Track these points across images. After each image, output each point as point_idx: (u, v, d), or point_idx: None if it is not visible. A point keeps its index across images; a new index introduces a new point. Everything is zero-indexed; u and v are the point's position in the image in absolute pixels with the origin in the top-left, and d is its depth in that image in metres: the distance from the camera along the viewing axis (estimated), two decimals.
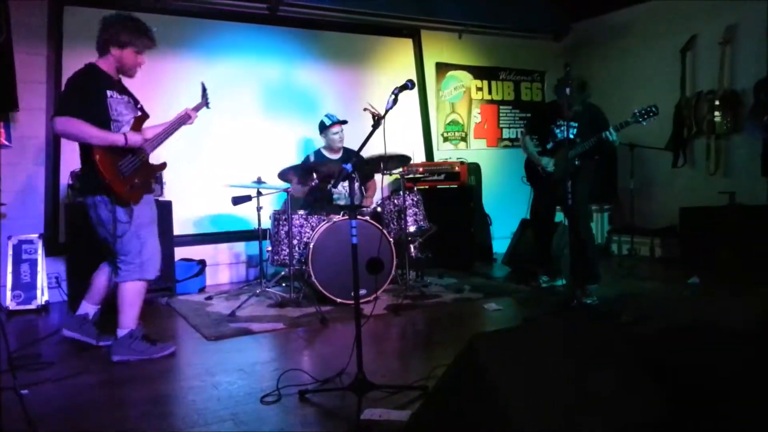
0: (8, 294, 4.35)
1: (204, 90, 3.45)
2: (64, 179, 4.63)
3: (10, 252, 4.43)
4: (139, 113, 3.16)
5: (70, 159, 4.41)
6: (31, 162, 4.67)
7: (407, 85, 2.61)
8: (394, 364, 3.06)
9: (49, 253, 4.59)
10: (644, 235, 5.96)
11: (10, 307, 4.33)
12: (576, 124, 4.13)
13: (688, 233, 5.40)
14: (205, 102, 3.44)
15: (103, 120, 2.97)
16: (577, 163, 4.09)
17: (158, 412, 2.46)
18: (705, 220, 5.23)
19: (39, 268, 4.47)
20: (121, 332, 3.10)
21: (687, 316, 3.60)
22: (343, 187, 4.75)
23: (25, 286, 4.42)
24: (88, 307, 3.25)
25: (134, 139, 3.01)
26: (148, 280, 3.15)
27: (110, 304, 3.26)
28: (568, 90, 3.69)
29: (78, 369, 2.95)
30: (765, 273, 4.48)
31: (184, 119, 3.30)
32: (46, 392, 2.67)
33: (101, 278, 3.23)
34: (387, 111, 2.53)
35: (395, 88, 2.57)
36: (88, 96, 2.94)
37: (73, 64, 3.18)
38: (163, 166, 3.28)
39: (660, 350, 2.00)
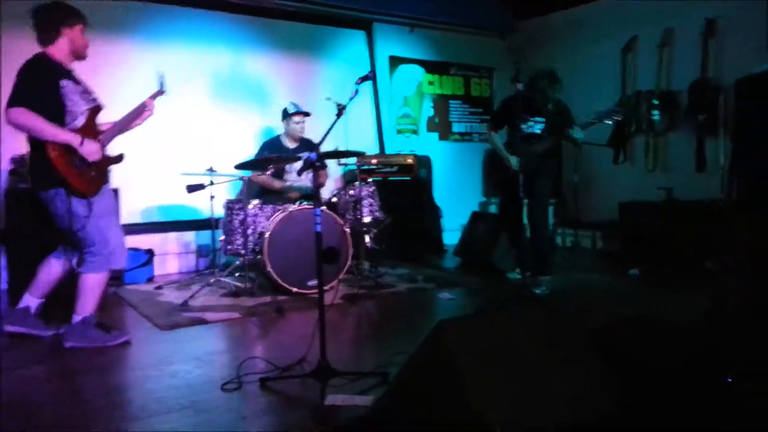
0: None
1: (161, 79, 3.29)
2: (5, 165, 4.40)
3: None
4: (93, 104, 3.05)
5: (12, 145, 4.19)
6: None
7: (368, 76, 2.65)
8: (352, 352, 3.11)
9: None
10: (586, 228, 6.22)
11: None
12: (543, 119, 4.22)
13: (628, 227, 5.67)
14: (160, 90, 3.29)
15: (57, 112, 2.86)
16: (541, 159, 4.17)
17: (115, 401, 2.41)
18: (643, 214, 5.50)
19: None
20: (76, 318, 3.01)
21: (630, 308, 3.79)
22: (305, 176, 4.72)
23: None
24: (31, 300, 3.14)
25: (90, 148, 2.89)
26: (113, 270, 3.08)
27: (54, 295, 3.17)
28: (519, 86, 3.79)
29: (25, 360, 2.85)
30: (699, 264, 4.77)
31: (141, 110, 3.18)
32: None
33: (51, 271, 3.12)
34: (350, 100, 2.56)
35: (358, 79, 2.59)
36: (41, 86, 2.83)
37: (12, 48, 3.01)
38: (120, 158, 3.19)
39: (612, 341, 2.13)
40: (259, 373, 2.60)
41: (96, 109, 3.05)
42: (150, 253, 5.00)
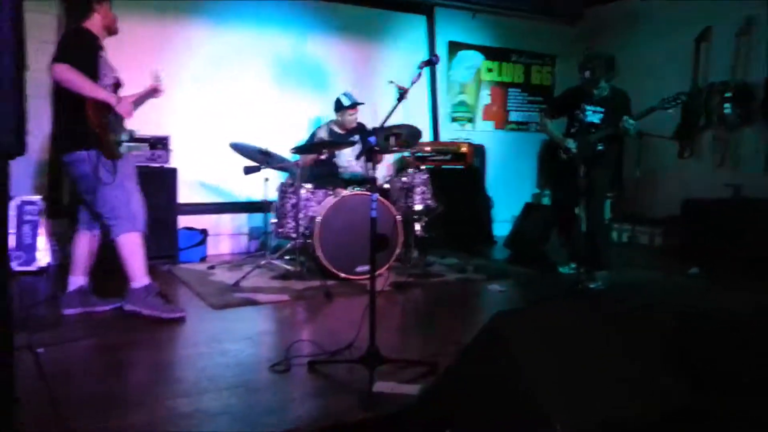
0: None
1: (157, 76, 3.35)
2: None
3: (13, 213, 4.38)
4: (116, 80, 3.17)
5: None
6: (33, 122, 4.57)
7: (432, 60, 2.58)
8: (399, 340, 3.08)
9: (51, 215, 4.54)
10: (645, 224, 5.98)
11: (12, 269, 4.29)
12: (602, 109, 4.07)
13: (690, 224, 5.41)
14: (157, 87, 3.36)
15: (93, 79, 2.97)
16: (600, 147, 4.05)
17: (169, 377, 2.47)
18: (708, 211, 5.24)
19: (40, 229, 4.43)
20: (136, 284, 3.12)
21: (691, 304, 3.60)
22: (348, 162, 4.72)
23: (26, 248, 4.38)
24: (78, 280, 3.23)
25: (125, 106, 3.04)
26: (141, 231, 3.15)
27: (105, 269, 3.25)
28: (587, 72, 3.64)
29: (82, 332, 2.95)
30: (764, 265, 4.51)
31: (150, 92, 3.34)
32: (52, 354, 2.65)
33: (81, 246, 3.21)
34: (413, 83, 2.50)
35: (421, 62, 2.54)
36: (83, 52, 2.96)
37: None
38: (132, 132, 3.27)
39: (679, 336, 2.01)
40: (308, 356, 2.61)
41: (118, 85, 3.17)
42: (204, 233, 5.11)
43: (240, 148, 4.18)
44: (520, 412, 1.61)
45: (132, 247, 3.11)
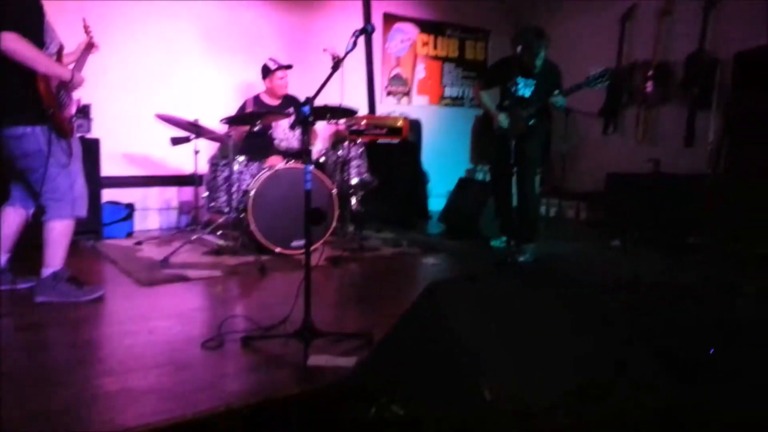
0: None
1: (86, 28, 3.16)
2: None
3: None
4: (60, 45, 2.94)
5: None
6: None
7: (367, 29, 2.52)
8: (335, 314, 3.07)
9: None
10: (571, 198, 6.21)
11: None
12: (534, 82, 4.12)
13: (613, 198, 5.66)
14: (91, 43, 3.15)
15: (39, 44, 2.72)
16: (531, 122, 4.11)
17: (92, 356, 2.35)
18: (630, 185, 5.50)
19: None
20: (46, 271, 2.92)
21: (613, 276, 3.79)
22: (292, 133, 4.61)
23: None
24: None
25: (79, 79, 2.85)
26: (78, 218, 2.98)
27: (26, 245, 3.07)
28: (524, 40, 3.69)
29: None
30: (682, 238, 4.80)
31: (90, 47, 3.12)
32: None
33: (9, 222, 3.00)
34: (347, 53, 2.45)
35: (356, 31, 2.48)
36: (30, 17, 2.69)
37: None
38: (79, 101, 3.10)
39: (597, 305, 2.11)
40: (241, 332, 2.55)
41: (62, 50, 2.94)
42: (130, 207, 4.89)
43: (167, 119, 4.00)
44: (452, 378, 1.65)
45: (60, 234, 2.92)
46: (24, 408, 1.87)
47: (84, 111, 4.29)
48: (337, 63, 2.47)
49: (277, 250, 4.04)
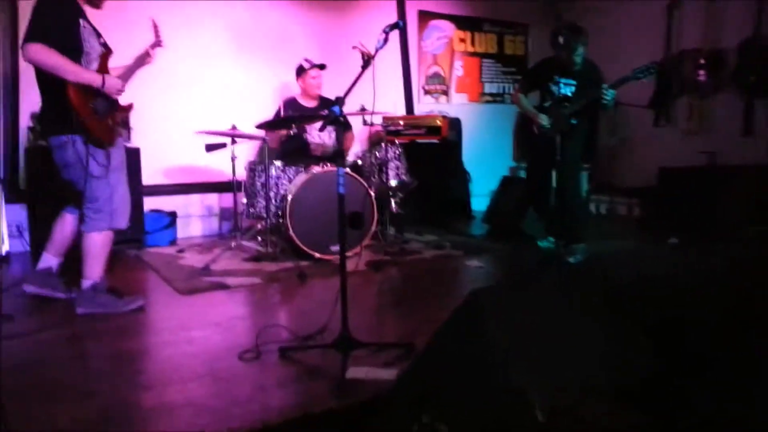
0: None
1: (155, 27, 3.09)
2: (24, 121, 4.33)
3: None
4: (105, 49, 2.91)
5: (32, 99, 4.11)
6: None
7: (398, 24, 2.43)
8: (376, 321, 2.98)
9: (9, 199, 4.33)
10: (623, 194, 5.95)
11: None
12: (574, 82, 4.00)
13: (667, 193, 5.38)
14: (157, 40, 3.08)
15: (75, 52, 2.72)
16: (573, 121, 3.97)
17: (130, 368, 2.33)
18: (684, 179, 5.21)
19: None
20: (86, 284, 2.92)
21: (670, 276, 3.57)
22: (319, 137, 4.56)
23: None
24: (51, 260, 3.05)
25: (113, 83, 2.77)
26: (117, 229, 2.97)
27: (74, 255, 3.08)
28: (562, 39, 3.53)
29: (41, 323, 2.80)
30: (742, 231, 4.50)
31: (144, 58, 3.01)
32: (6, 348, 2.50)
33: (64, 228, 3.02)
34: (377, 50, 2.36)
35: (386, 27, 2.38)
36: (61, 23, 2.67)
37: None
38: (130, 107, 3.06)
39: (654, 310, 1.95)
40: (279, 342, 2.49)
41: (107, 55, 2.90)
42: (173, 215, 4.92)
43: (204, 131, 4.02)
44: (498, 395, 1.53)
45: (99, 246, 2.91)
46: (57, 420, 1.84)
47: (123, 120, 4.32)
48: (367, 60, 2.37)
49: (317, 255, 3.97)
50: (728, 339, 1.74)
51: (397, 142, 4.57)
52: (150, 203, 4.82)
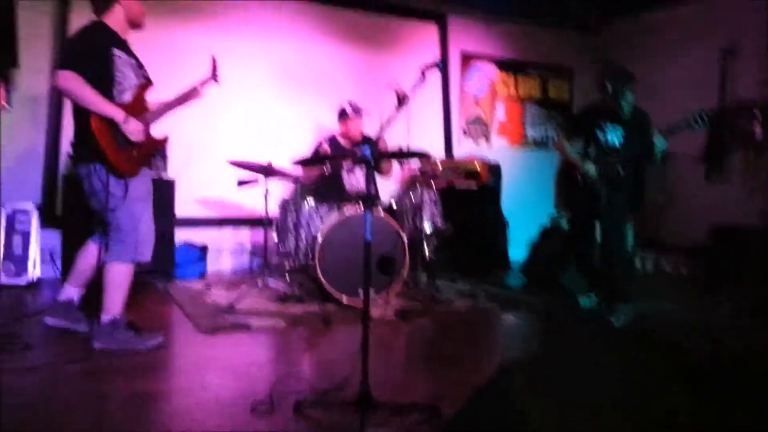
0: None
1: (214, 64, 3.14)
2: (66, 147, 4.39)
3: (3, 222, 4.20)
4: (144, 80, 2.91)
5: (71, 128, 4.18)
6: (31, 127, 4.42)
7: (436, 64, 2.33)
8: (401, 377, 2.79)
9: (44, 225, 4.36)
10: (670, 252, 5.64)
11: (0, 281, 4.10)
12: (622, 129, 3.82)
13: (720, 253, 5.07)
14: (213, 77, 3.12)
15: (107, 80, 2.74)
16: (620, 171, 3.78)
17: (140, 413, 2.20)
18: (739, 239, 4.90)
19: (32, 240, 4.24)
20: (105, 318, 2.85)
21: (723, 345, 3.29)
22: (361, 173, 4.47)
23: (16, 259, 4.19)
24: (72, 291, 3.01)
25: (133, 127, 2.75)
26: (139, 262, 2.90)
27: (96, 285, 3.02)
28: (609, 84, 3.38)
29: (56, 355, 2.72)
30: None
31: (192, 94, 3.03)
32: (17, 380, 2.42)
33: (88, 258, 2.98)
34: (414, 90, 2.25)
35: (423, 65, 2.29)
36: (93, 52, 2.71)
37: (80, 22, 2.94)
38: (164, 140, 3.03)
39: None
40: (296, 393, 2.33)
41: (146, 86, 2.91)
42: (203, 248, 4.88)
43: (238, 164, 3.98)
44: None
45: (120, 278, 2.86)
46: None
47: (160, 150, 4.33)
48: (401, 100, 2.27)
49: (344, 299, 3.83)
50: None
51: (433, 185, 4.44)
52: (182, 235, 4.79)
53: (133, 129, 2.75)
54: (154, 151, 3.06)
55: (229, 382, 2.54)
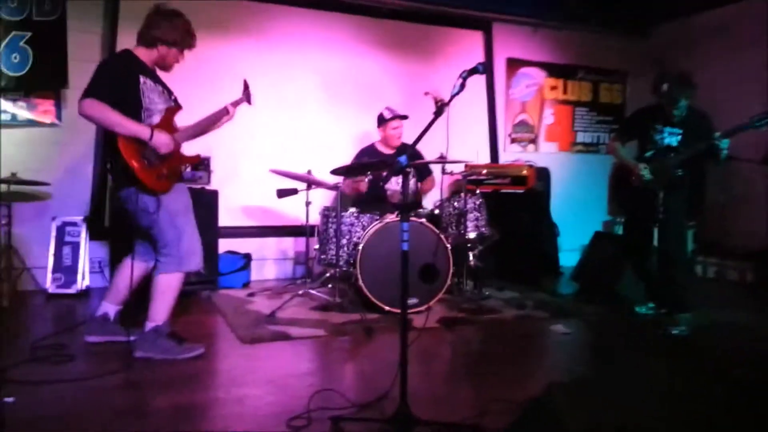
0: (48, 276, 4.23)
1: (246, 87, 3.18)
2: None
3: (54, 233, 4.31)
4: (172, 104, 2.95)
5: None
6: (81, 143, 4.54)
7: (477, 69, 2.23)
8: (443, 390, 2.66)
9: (93, 236, 4.45)
10: (734, 257, 5.29)
11: (50, 290, 4.20)
12: (680, 131, 3.63)
13: None
14: (245, 98, 3.15)
15: (134, 106, 2.76)
16: (679, 173, 3.58)
17: (173, 427, 2.16)
18: None
19: (81, 251, 4.34)
20: (149, 326, 2.86)
21: None
22: (396, 183, 4.38)
23: (66, 270, 4.29)
24: (108, 307, 3.03)
25: (161, 139, 2.75)
26: (189, 272, 2.91)
27: (139, 296, 3.03)
28: (666, 87, 3.19)
29: (97, 366, 2.72)
30: None
31: (222, 114, 3.05)
32: (57, 391, 2.43)
33: (124, 274, 3.00)
34: (453, 96, 2.16)
35: (463, 72, 2.19)
36: (119, 80, 2.75)
37: (128, 43, 2.98)
38: (197, 158, 3.09)
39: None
40: (333, 408, 2.25)
41: (174, 110, 2.94)
42: (247, 257, 4.88)
43: (278, 173, 3.96)
44: None
45: (166, 288, 2.87)
46: None
47: (204, 163, 4.36)
48: (440, 107, 2.16)
49: (387, 308, 3.73)
50: None
51: (478, 191, 4.31)
52: (226, 245, 4.81)
53: (161, 141, 2.75)
54: (186, 164, 3.08)
55: (266, 395, 2.47)
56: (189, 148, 3.10)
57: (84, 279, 4.31)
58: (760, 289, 4.89)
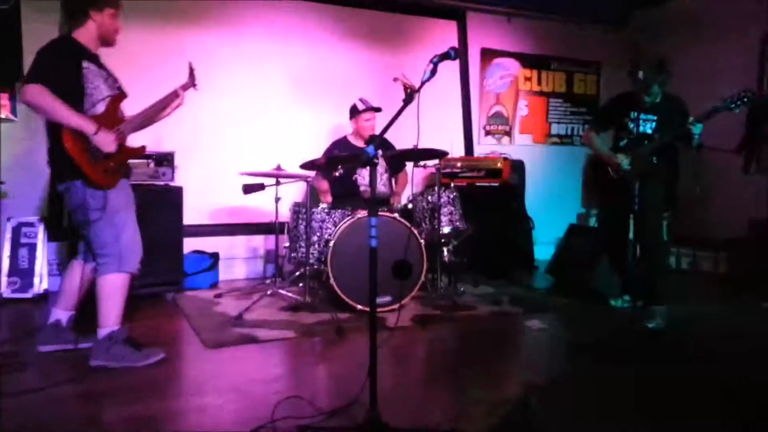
0: (3, 280, 4.02)
1: (191, 70, 3.04)
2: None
3: (9, 235, 4.10)
4: (117, 91, 2.78)
5: None
6: (38, 139, 4.29)
7: (449, 54, 2.13)
8: (417, 393, 2.55)
9: (51, 238, 4.24)
10: (707, 248, 5.30)
11: (5, 295, 3.99)
12: (654, 117, 3.56)
13: (760, 248, 4.73)
14: (191, 83, 3.03)
15: (77, 93, 2.60)
16: (654, 161, 3.52)
17: None
18: None
19: (39, 253, 4.13)
20: (102, 333, 2.70)
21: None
22: (379, 176, 4.27)
23: (22, 273, 4.08)
24: (60, 314, 2.86)
25: (104, 139, 2.60)
26: (128, 272, 2.75)
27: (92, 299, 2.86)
28: (641, 73, 3.12)
29: (51, 375, 2.55)
30: None
31: (172, 98, 2.91)
32: (9, 404, 2.27)
33: (73, 278, 2.84)
34: (423, 83, 2.04)
35: (434, 56, 2.08)
36: (61, 64, 2.58)
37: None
38: (142, 150, 2.91)
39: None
40: (299, 417, 2.12)
41: (119, 97, 2.78)
42: (214, 256, 4.71)
43: (247, 173, 3.83)
44: None
45: (111, 290, 2.71)
46: None
47: (168, 159, 4.18)
48: (410, 94, 2.05)
49: (359, 307, 3.62)
50: None
51: (452, 185, 4.21)
52: (193, 244, 4.64)
53: (103, 140, 2.60)
54: (133, 158, 2.91)
55: (229, 403, 2.34)
56: (143, 140, 2.94)
57: (42, 282, 4.12)
58: (734, 279, 4.89)
